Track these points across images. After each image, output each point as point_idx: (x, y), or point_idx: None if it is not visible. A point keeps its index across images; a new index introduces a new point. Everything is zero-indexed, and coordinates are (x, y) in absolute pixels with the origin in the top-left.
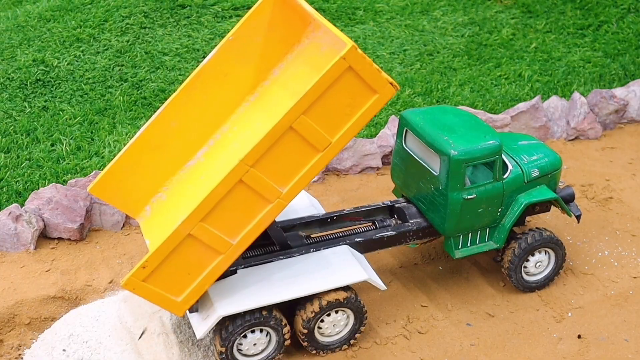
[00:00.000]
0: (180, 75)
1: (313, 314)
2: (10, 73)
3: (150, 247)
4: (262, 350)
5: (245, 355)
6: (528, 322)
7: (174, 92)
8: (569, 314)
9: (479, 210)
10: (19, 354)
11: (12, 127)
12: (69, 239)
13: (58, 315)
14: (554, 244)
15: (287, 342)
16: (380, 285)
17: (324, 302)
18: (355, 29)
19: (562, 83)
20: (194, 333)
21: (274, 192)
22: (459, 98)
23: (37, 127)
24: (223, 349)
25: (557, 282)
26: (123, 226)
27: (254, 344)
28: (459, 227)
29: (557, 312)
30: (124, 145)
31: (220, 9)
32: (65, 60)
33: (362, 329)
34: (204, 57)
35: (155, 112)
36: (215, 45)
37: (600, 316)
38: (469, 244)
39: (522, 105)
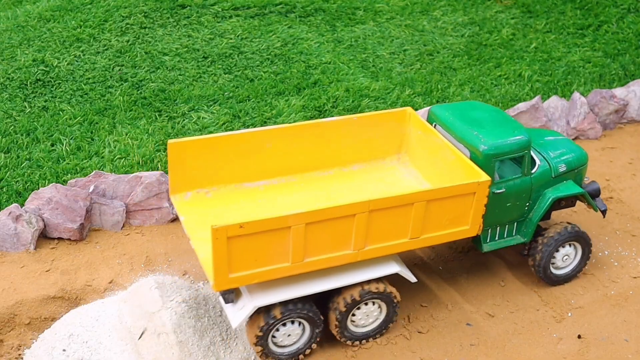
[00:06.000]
0: (180, 75)
1: (346, 306)
2: (10, 73)
3: (185, 224)
4: (296, 342)
5: (279, 346)
6: (528, 322)
7: (173, 91)
8: (569, 314)
9: (508, 205)
10: (19, 354)
11: (12, 127)
12: (69, 239)
13: (58, 315)
14: (581, 238)
15: (321, 333)
16: (411, 277)
17: (357, 294)
18: (355, 29)
19: (562, 83)
20: (193, 333)
21: (361, 243)
22: (459, 98)
23: (37, 127)
24: (257, 340)
25: None
26: (123, 226)
27: (288, 335)
28: (487, 221)
29: (557, 312)
30: (124, 145)
31: (220, 9)
32: (65, 60)
33: (395, 319)
34: (204, 57)
35: (155, 112)
36: (215, 45)
37: (600, 316)
38: (496, 238)
39: (522, 105)
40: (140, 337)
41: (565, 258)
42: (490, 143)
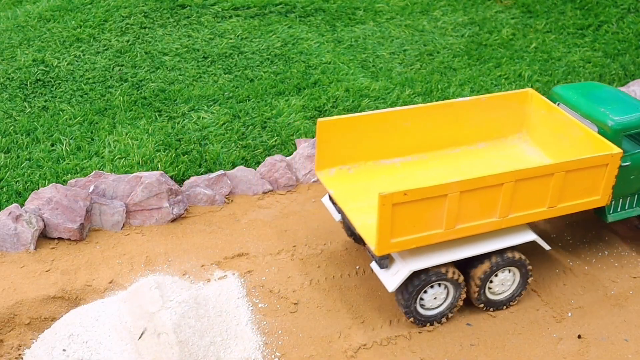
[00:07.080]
0: (180, 75)
1: (486, 272)
2: (10, 73)
3: (335, 196)
4: (441, 304)
5: (425, 308)
6: (528, 322)
7: (173, 91)
8: (569, 314)
9: (631, 177)
10: (19, 354)
11: (12, 127)
12: (69, 239)
13: (58, 315)
14: None
15: (463, 297)
16: (545, 245)
17: (495, 261)
18: (355, 29)
19: (562, 83)
20: (193, 333)
21: (505, 211)
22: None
23: (37, 127)
24: (408, 301)
25: (557, 282)
26: (123, 226)
27: (434, 298)
28: (614, 193)
29: (557, 312)
30: (124, 145)
31: (220, 9)
32: (65, 60)
33: (525, 289)
34: (204, 57)
35: (155, 112)
36: (215, 45)
37: (600, 316)
38: (619, 210)
39: None
40: (140, 337)
41: None
42: (617, 118)
